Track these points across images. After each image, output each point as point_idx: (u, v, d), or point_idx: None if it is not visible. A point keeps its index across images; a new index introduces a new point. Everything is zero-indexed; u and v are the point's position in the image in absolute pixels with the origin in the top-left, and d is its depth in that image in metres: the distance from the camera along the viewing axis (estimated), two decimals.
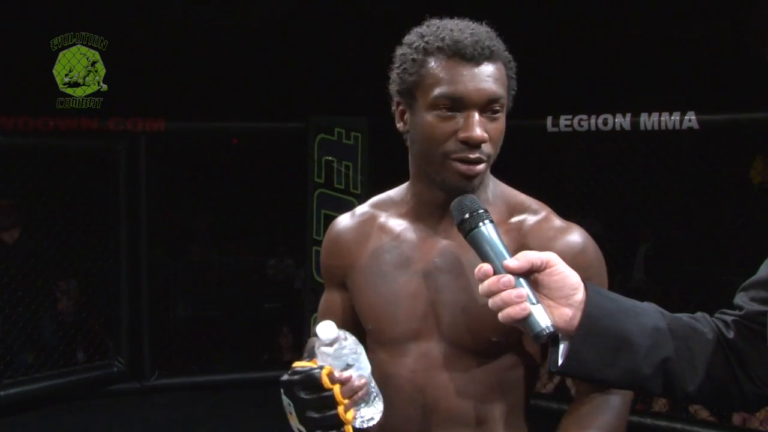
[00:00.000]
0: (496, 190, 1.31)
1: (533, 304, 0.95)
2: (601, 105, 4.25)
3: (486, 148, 1.21)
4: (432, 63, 1.21)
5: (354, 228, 1.39)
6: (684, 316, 1.02)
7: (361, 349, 1.17)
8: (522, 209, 1.30)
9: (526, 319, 0.95)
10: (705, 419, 4.12)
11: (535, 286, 0.97)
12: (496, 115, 1.22)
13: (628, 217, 4.56)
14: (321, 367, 1.13)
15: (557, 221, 1.28)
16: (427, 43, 1.22)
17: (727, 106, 4.11)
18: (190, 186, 5.78)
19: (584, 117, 4.19)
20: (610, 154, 4.47)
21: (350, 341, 1.17)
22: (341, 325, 1.38)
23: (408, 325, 1.29)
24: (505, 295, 0.95)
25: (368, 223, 1.38)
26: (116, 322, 4.87)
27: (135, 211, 4.82)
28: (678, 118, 3.98)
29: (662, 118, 4.02)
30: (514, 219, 1.28)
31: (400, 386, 1.27)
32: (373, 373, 1.22)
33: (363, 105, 4.90)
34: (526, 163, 4.27)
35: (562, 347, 0.97)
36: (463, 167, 1.21)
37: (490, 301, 0.97)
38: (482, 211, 1.06)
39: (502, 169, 1.34)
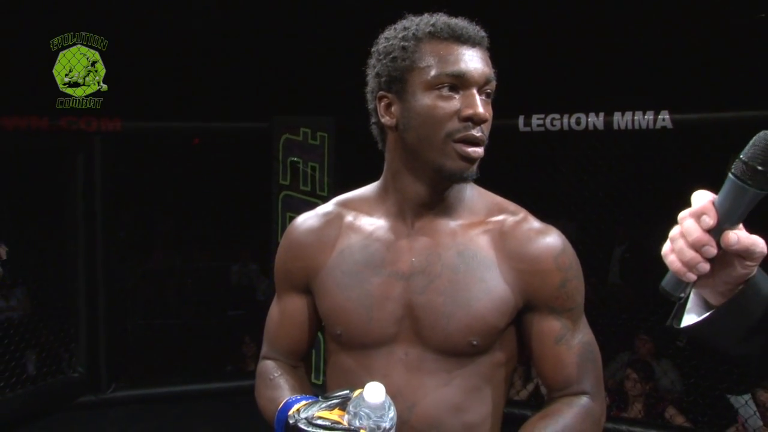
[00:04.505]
0: (473, 191, 1.30)
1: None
2: (574, 104, 4.17)
3: (484, 129, 1.20)
4: (426, 46, 1.20)
5: (319, 228, 1.33)
6: None
7: (394, 423, 1.12)
8: (500, 210, 1.29)
9: (677, 278, 0.88)
10: (681, 425, 4.05)
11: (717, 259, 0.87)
12: (489, 99, 1.22)
13: (602, 218, 4.49)
14: (356, 430, 1.07)
15: (536, 223, 1.27)
16: (416, 30, 1.21)
17: (701, 105, 4.06)
18: (149, 189, 5.57)
19: (557, 116, 4.12)
20: (584, 154, 4.38)
21: (392, 412, 1.11)
22: (304, 334, 1.36)
23: (382, 330, 1.24)
24: (693, 256, 0.85)
25: (334, 222, 1.32)
26: (71, 332, 4.64)
27: (91, 216, 4.60)
28: (651, 117, 3.92)
29: (636, 118, 3.96)
30: (493, 219, 1.27)
31: None
32: (342, 380, 1.19)
33: (329, 104, 4.77)
34: (498, 165, 4.18)
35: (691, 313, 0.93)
36: (467, 149, 1.19)
37: (678, 242, 0.86)
38: None
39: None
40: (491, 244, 1.24)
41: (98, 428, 4.48)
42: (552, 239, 1.25)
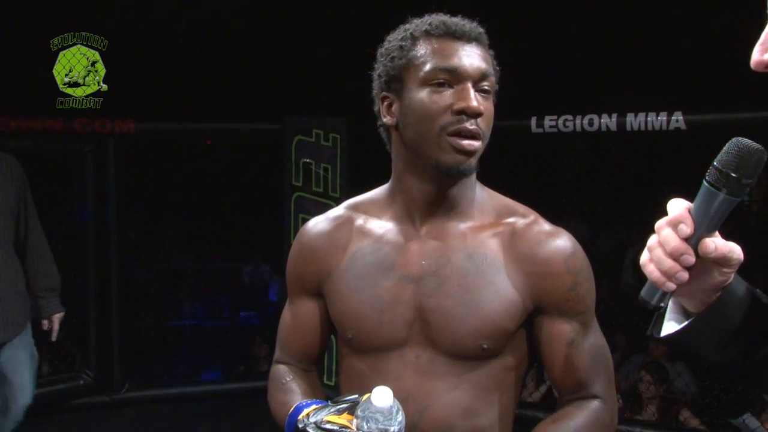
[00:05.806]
0: (483, 193, 1.30)
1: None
2: (586, 105, 4.15)
3: (481, 123, 1.19)
4: (422, 44, 1.21)
5: (329, 231, 1.33)
6: None
7: (402, 426, 1.11)
8: (510, 213, 1.28)
9: (656, 288, 0.88)
10: (696, 428, 4.02)
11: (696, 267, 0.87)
12: (487, 95, 1.21)
13: (615, 220, 4.47)
14: None
15: (546, 225, 1.27)
16: (414, 29, 1.23)
17: (714, 106, 4.03)
18: (161, 190, 5.60)
19: (569, 117, 4.10)
20: (597, 156, 4.36)
21: (400, 416, 1.11)
22: (317, 338, 1.37)
23: (393, 333, 1.23)
24: (671, 265, 0.85)
25: (345, 226, 1.32)
26: (84, 331, 4.66)
27: (104, 217, 4.62)
28: (665, 118, 3.90)
29: (649, 119, 3.94)
30: (503, 222, 1.27)
31: None
32: (354, 384, 1.18)
33: (341, 105, 4.77)
34: (510, 166, 4.17)
35: (672, 321, 0.94)
36: (462, 141, 1.18)
37: (656, 252, 0.86)
38: (750, 182, 0.84)
39: (486, 171, 1.30)
40: (501, 247, 1.24)
41: (112, 428, 4.50)
42: (562, 242, 1.24)
